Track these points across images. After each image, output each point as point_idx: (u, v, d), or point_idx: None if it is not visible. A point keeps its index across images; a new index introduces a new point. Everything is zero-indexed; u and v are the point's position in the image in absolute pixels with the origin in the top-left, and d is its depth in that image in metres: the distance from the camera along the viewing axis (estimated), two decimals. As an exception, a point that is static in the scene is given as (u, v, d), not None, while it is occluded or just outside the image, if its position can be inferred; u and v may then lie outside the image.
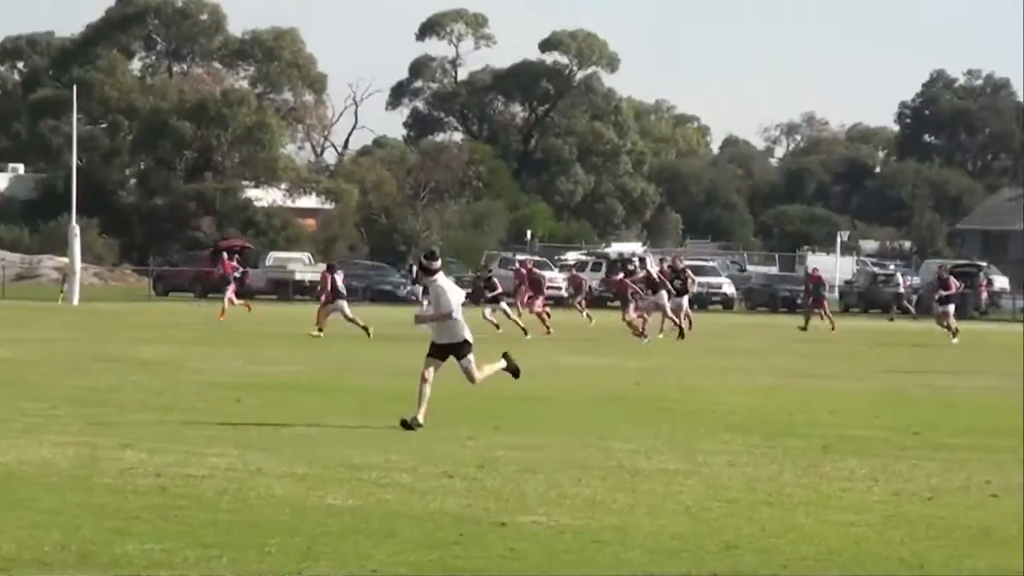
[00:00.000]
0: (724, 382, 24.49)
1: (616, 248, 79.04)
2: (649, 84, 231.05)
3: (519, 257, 59.75)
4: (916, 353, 35.18)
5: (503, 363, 17.78)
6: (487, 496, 12.11)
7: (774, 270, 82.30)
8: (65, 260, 60.79)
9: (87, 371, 23.86)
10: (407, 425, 16.32)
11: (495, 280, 41.15)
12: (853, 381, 25.41)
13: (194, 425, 16.48)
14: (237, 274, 46.29)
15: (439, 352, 16.93)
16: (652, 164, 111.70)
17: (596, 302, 59.95)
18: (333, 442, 15.21)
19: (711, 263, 74.21)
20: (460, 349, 16.95)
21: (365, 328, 35.25)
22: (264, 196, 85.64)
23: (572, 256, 77.16)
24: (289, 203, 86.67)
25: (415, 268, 17.69)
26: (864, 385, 24.47)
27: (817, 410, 19.72)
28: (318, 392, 21.11)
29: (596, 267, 68.81)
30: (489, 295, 39.57)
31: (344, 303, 36.54)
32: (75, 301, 54.94)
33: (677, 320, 38.08)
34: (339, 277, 37.10)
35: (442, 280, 17.00)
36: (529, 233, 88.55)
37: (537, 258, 72.99)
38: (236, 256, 69.01)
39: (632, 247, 79.12)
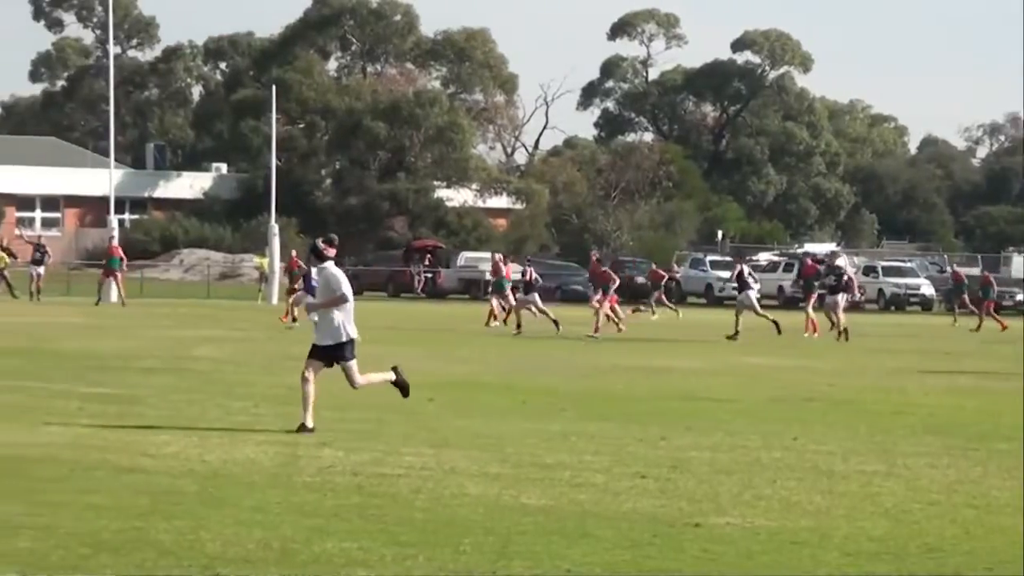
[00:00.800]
0: (922, 383, 24.09)
1: (809, 248, 78.25)
2: (844, 84, 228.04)
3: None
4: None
5: (392, 375, 16.60)
6: (680, 497, 12.07)
7: (976, 271, 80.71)
8: (259, 259, 61.85)
9: (286, 370, 24.20)
10: (303, 429, 15.53)
11: (532, 271, 41.13)
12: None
13: (389, 424, 16.66)
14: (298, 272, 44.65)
15: (322, 355, 15.95)
16: (847, 164, 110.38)
17: (788, 303, 59.47)
18: (525, 442, 15.27)
19: (909, 264, 73.07)
20: (343, 351, 15.91)
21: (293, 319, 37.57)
22: (456, 196, 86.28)
23: (764, 257, 76.56)
24: (480, 203, 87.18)
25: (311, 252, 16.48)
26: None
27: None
28: (508, 391, 21.20)
29: (788, 268, 68.17)
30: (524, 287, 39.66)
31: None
32: (274, 300, 55.84)
33: (810, 317, 37.57)
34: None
35: (334, 268, 16.11)
36: (720, 233, 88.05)
37: (728, 258, 72.63)
38: (428, 256, 69.86)
39: (826, 247, 78.19)
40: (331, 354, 15.95)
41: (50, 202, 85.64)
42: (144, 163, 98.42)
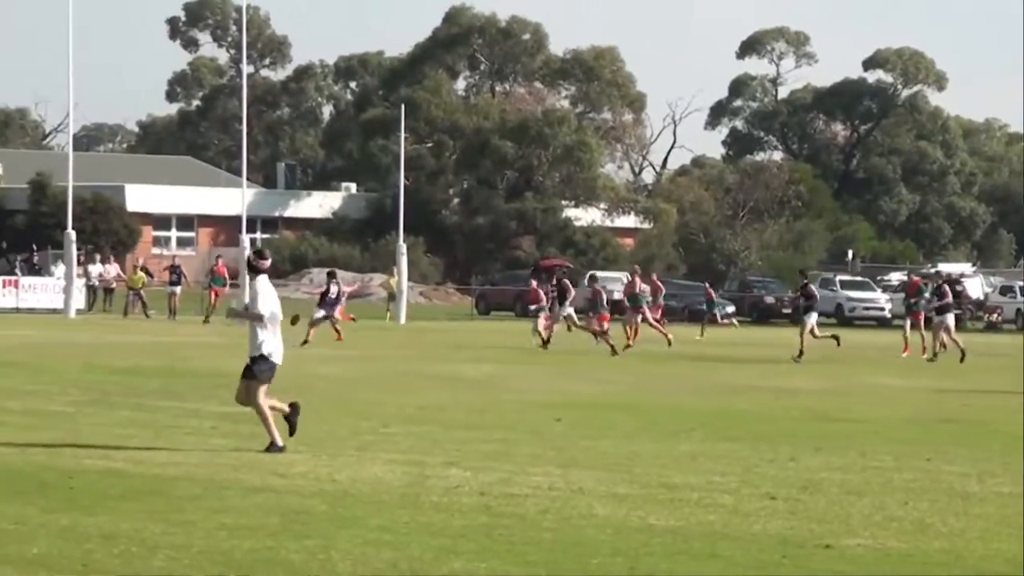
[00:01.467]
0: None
1: (943, 268, 77.19)
2: (980, 103, 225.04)
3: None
4: None
5: (285, 408, 15.88)
6: (810, 518, 11.97)
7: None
8: (385, 278, 62.19)
9: (415, 389, 24.35)
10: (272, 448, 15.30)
11: (566, 283, 40.52)
12: None
13: (516, 444, 16.67)
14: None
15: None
16: (983, 184, 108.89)
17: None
18: (652, 462, 15.21)
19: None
20: (255, 365, 15.55)
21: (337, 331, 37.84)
22: (583, 215, 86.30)
23: (895, 277, 75.70)
24: (608, 222, 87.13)
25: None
26: None
27: None
28: (634, 411, 21.15)
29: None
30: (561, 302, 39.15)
31: (335, 311, 38.72)
32: (402, 320, 56.14)
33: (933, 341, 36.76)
34: (334, 288, 39.28)
35: (264, 283, 15.69)
36: (850, 253, 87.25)
37: (859, 278, 71.90)
38: (556, 275, 69.83)
39: (960, 267, 77.14)
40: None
41: (185, 221, 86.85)
42: (275, 182, 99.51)
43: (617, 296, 65.48)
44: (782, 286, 70.21)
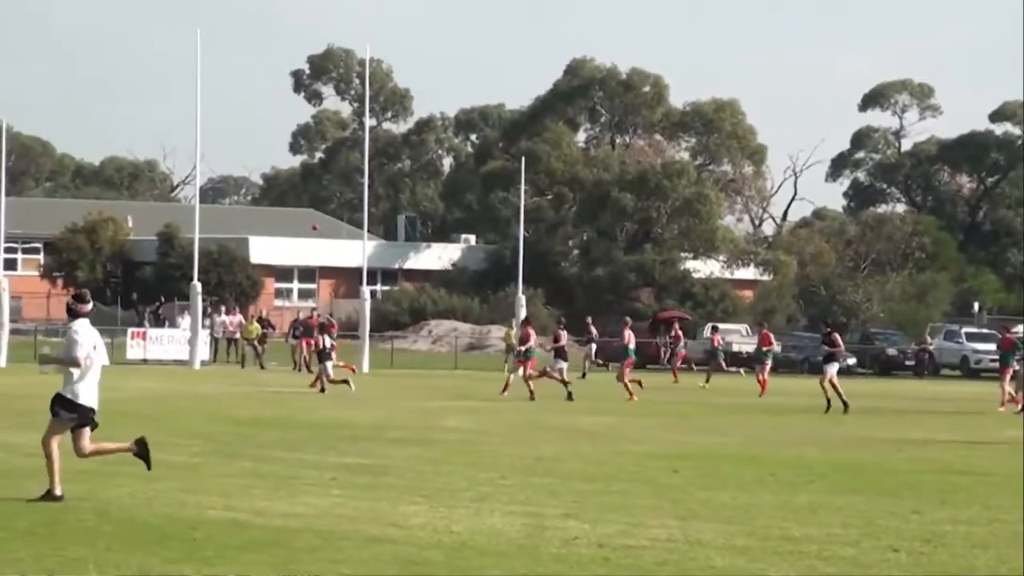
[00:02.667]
0: None
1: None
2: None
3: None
4: None
5: (133, 447, 15.43)
6: (934, 571, 11.85)
7: None
8: (504, 329, 62.30)
9: (533, 441, 24.37)
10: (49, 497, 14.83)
11: (565, 335, 40.79)
12: None
13: (634, 495, 16.61)
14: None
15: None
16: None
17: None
18: (771, 514, 15.10)
19: None
20: (59, 405, 15.06)
21: (346, 381, 37.98)
22: (702, 267, 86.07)
23: (1022, 328, 74.58)
24: (727, 274, 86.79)
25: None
26: None
27: None
28: (751, 462, 21.00)
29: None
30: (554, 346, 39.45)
31: (329, 363, 38.60)
32: (520, 371, 56.12)
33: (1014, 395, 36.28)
34: (326, 339, 39.25)
35: (81, 327, 15.09)
36: (976, 305, 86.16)
37: (985, 330, 70.93)
38: (674, 327, 69.67)
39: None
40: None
41: (306, 273, 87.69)
42: (395, 234, 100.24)
43: (736, 348, 65.33)
44: (904, 338, 69.48)
